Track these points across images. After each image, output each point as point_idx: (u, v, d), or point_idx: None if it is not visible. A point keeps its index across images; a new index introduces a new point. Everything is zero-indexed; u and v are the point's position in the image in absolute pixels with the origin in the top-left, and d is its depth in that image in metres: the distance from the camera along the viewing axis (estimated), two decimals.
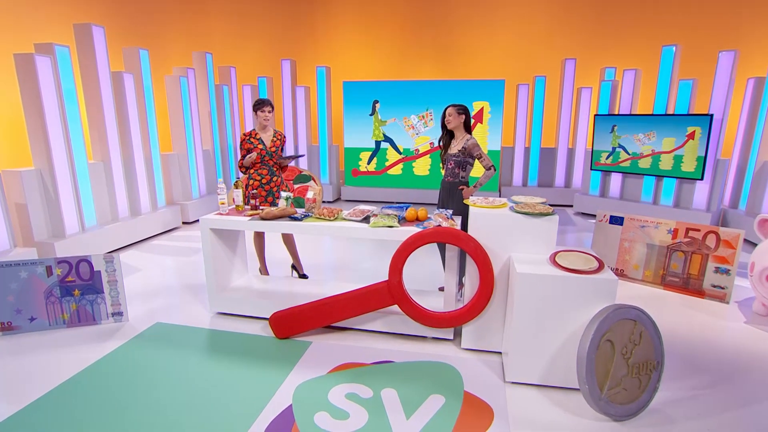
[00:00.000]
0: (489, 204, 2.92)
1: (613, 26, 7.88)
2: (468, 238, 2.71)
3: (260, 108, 3.57)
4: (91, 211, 4.80)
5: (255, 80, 7.92)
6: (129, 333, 3.12)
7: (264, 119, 3.59)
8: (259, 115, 3.58)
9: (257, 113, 3.58)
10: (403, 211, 3.14)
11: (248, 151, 3.62)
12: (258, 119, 3.60)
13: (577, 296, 2.36)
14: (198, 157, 6.49)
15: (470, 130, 3.50)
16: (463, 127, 3.49)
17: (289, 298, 3.25)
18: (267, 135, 3.69)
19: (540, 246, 2.68)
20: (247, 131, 3.64)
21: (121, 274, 3.23)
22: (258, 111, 3.56)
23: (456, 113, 3.46)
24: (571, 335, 2.39)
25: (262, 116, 3.58)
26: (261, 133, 3.67)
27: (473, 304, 2.77)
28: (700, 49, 6.96)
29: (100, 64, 4.87)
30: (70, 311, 3.22)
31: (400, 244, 2.79)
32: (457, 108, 3.46)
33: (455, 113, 3.46)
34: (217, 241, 3.27)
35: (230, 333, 3.11)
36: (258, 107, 3.57)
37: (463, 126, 3.48)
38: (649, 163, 6.08)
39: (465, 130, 3.50)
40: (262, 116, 3.58)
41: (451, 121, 3.48)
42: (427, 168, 7.90)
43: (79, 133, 4.62)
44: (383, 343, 2.96)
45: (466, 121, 3.47)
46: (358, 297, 2.90)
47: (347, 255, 4.92)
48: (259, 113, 3.57)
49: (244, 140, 3.63)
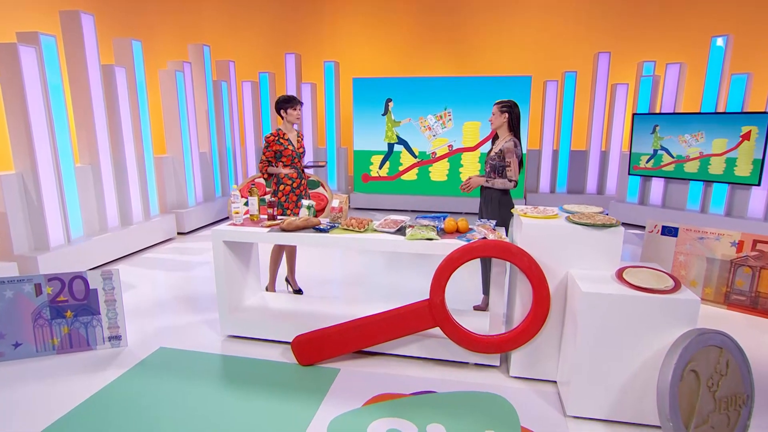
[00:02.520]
0: (540, 214, 2.86)
1: (651, 16, 7.89)
2: (521, 253, 2.64)
3: (293, 105, 3.59)
4: (77, 220, 4.72)
5: (256, 76, 7.91)
6: (129, 360, 3.03)
7: (297, 118, 3.61)
8: (290, 114, 3.59)
9: (288, 111, 3.59)
10: (441, 222, 3.08)
11: (277, 154, 3.60)
12: (289, 118, 3.61)
13: (652, 319, 2.28)
14: (194, 161, 6.45)
15: (516, 131, 3.44)
16: (507, 126, 3.44)
17: (311, 320, 3.18)
18: (293, 135, 3.70)
19: (602, 261, 2.62)
20: (273, 131, 3.64)
21: (121, 293, 3.15)
22: (289, 109, 3.58)
23: (498, 111, 3.43)
24: (644, 363, 2.31)
25: (295, 114, 3.60)
26: (288, 134, 3.67)
27: (526, 326, 2.69)
28: (755, 40, 6.94)
29: (90, 57, 4.83)
30: (61, 335, 3.13)
31: (443, 260, 2.72)
32: (500, 105, 3.43)
33: (497, 111, 3.44)
34: (231, 255, 3.19)
35: (246, 359, 3.02)
36: (289, 104, 3.58)
37: (508, 126, 3.43)
38: (696, 167, 6.03)
39: (510, 131, 3.45)
40: (294, 114, 3.60)
41: (493, 120, 3.47)
42: (444, 173, 7.85)
43: (66, 132, 4.56)
44: (420, 371, 2.90)
45: (511, 120, 3.42)
46: (394, 318, 2.82)
47: (356, 268, 4.87)
48: (291, 111, 3.59)
49: (273, 141, 3.61)
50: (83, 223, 4.82)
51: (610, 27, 8.07)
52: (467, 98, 7.53)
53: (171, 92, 6.01)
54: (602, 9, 8.11)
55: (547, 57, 8.33)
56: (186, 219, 6.16)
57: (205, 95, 6.79)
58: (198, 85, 6.72)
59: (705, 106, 5.99)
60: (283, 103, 3.63)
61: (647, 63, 7.00)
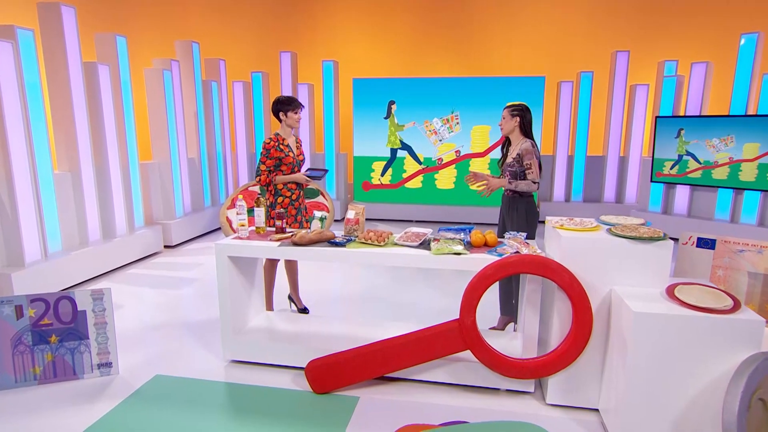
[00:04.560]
0: (578, 226, 2.82)
1: (672, 13, 7.99)
2: (561, 269, 2.60)
3: (293, 108, 3.58)
4: (56, 233, 4.63)
5: (248, 76, 7.87)
6: (122, 390, 2.94)
7: (297, 122, 3.61)
8: (290, 117, 3.58)
9: (288, 114, 3.57)
10: (466, 234, 3.04)
11: (277, 161, 3.58)
12: (288, 122, 3.60)
13: (712, 342, 2.24)
14: (183, 167, 6.42)
15: (529, 133, 3.43)
16: (519, 130, 3.45)
17: (324, 342, 3.13)
18: (291, 141, 3.70)
19: (649, 277, 2.60)
20: (273, 136, 3.61)
21: (112, 314, 3.07)
22: (289, 111, 3.57)
23: (509, 115, 3.45)
24: (703, 390, 2.26)
25: (295, 118, 3.60)
26: (287, 139, 3.66)
27: (566, 348, 2.65)
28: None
29: (70, 53, 4.78)
30: (44, 363, 3.03)
31: (475, 276, 2.67)
32: (510, 109, 3.45)
33: (507, 115, 3.46)
34: (235, 271, 3.12)
35: (253, 387, 2.95)
36: (289, 106, 3.57)
37: (520, 129, 3.43)
38: (725, 173, 6.07)
39: (522, 134, 3.45)
40: (295, 118, 3.60)
41: (503, 125, 3.49)
42: (452, 181, 7.84)
43: (44, 136, 4.49)
44: (447, 398, 2.86)
45: (522, 123, 3.43)
46: (420, 341, 2.76)
47: (361, 284, 4.83)
48: (291, 114, 3.58)
49: (273, 147, 3.57)
50: (62, 237, 4.73)
51: (629, 24, 8.16)
52: (476, 100, 7.54)
53: (157, 93, 5.97)
54: (620, 5, 8.20)
55: (562, 56, 8.38)
56: (173, 231, 6.10)
57: (193, 96, 6.76)
58: (186, 86, 6.69)
59: (734, 108, 6.04)
60: (282, 105, 3.59)
61: (669, 62, 7.06)
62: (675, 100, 6.69)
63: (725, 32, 7.46)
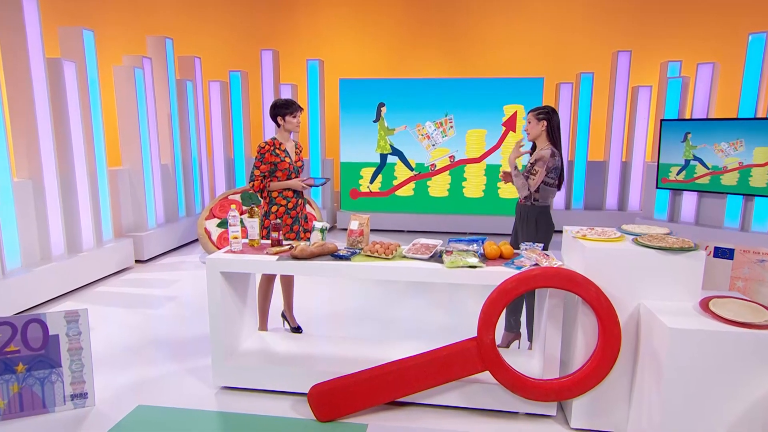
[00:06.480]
0: (600, 236, 2.82)
1: (675, 11, 8.19)
2: (588, 283, 2.59)
3: (292, 112, 3.59)
4: (14, 247, 4.51)
5: (225, 75, 7.81)
6: (100, 424, 2.82)
7: (297, 126, 3.62)
8: (289, 121, 3.60)
9: (286, 118, 3.58)
10: (479, 246, 3.02)
11: (272, 167, 3.56)
12: (287, 126, 3.62)
13: (754, 359, 2.24)
14: (155, 174, 6.37)
15: (557, 139, 3.43)
16: (546, 136, 3.43)
17: (326, 364, 3.07)
18: (290, 146, 3.70)
19: (680, 291, 2.61)
20: (269, 140, 3.62)
21: (89, 339, 2.95)
22: (288, 116, 3.58)
23: (534, 119, 3.44)
24: (747, 412, 2.26)
25: (295, 122, 3.62)
26: (285, 144, 3.66)
27: (592, 368, 2.63)
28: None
29: (32, 48, 4.68)
30: (9, 396, 2.90)
31: (494, 291, 2.64)
32: (536, 113, 3.44)
33: (534, 119, 3.45)
34: (228, 288, 3.03)
35: (248, 416, 2.88)
36: (288, 110, 3.58)
37: (547, 134, 3.43)
38: (735, 178, 6.19)
39: (549, 139, 3.44)
40: (294, 122, 3.62)
41: (529, 130, 3.48)
42: (445, 188, 7.86)
43: (2, 140, 4.38)
44: (462, 423, 2.83)
45: (550, 127, 3.41)
46: (434, 362, 2.72)
47: (357, 300, 4.80)
48: (289, 118, 3.59)
49: (268, 152, 3.56)
50: (21, 252, 4.62)
51: (630, 23, 8.33)
52: (471, 103, 7.59)
53: (128, 92, 5.92)
54: (621, 3, 8.38)
55: (561, 56, 8.51)
56: (145, 244, 6.04)
57: (167, 97, 6.72)
58: (159, 85, 6.65)
59: (743, 111, 6.18)
60: (280, 109, 3.61)
61: (672, 63, 7.22)
62: (681, 102, 6.83)
63: (731, 31, 7.67)
